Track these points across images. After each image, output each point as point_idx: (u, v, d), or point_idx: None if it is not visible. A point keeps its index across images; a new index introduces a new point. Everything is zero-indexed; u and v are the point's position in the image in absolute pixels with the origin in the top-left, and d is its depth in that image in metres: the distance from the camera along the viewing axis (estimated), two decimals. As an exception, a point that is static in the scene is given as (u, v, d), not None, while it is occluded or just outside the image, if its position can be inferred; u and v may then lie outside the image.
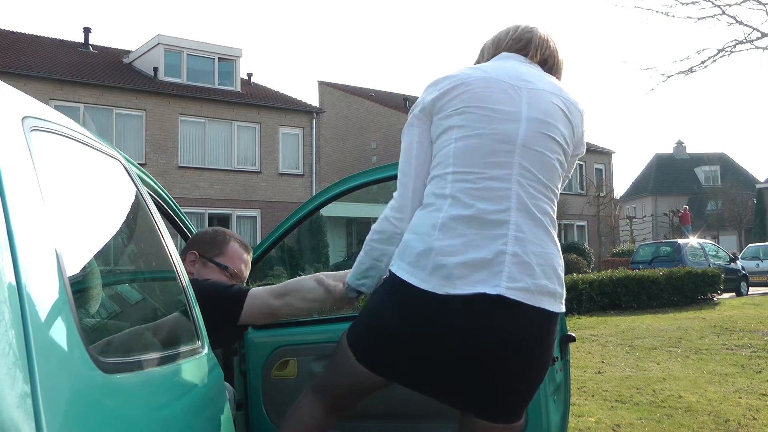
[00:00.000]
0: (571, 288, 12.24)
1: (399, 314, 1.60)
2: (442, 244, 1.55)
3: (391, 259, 1.71)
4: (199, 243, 2.45)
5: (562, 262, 1.68)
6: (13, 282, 0.81)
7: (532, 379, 1.65)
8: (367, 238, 1.79)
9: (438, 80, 1.75)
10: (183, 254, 2.38)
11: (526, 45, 1.86)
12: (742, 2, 12.94)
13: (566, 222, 31.52)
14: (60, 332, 0.89)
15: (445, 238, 1.56)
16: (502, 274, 1.53)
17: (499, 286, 1.52)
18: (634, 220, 33.23)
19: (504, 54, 1.85)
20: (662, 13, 13.33)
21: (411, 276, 1.56)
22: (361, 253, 1.80)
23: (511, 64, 1.78)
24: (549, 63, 1.87)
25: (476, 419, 1.67)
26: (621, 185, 69.97)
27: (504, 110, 1.65)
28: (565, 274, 1.78)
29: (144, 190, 1.72)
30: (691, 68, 13.18)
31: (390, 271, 1.65)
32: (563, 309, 1.67)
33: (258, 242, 3.61)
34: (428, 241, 1.57)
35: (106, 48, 25.83)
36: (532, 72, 1.77)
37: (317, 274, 2.14)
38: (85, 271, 1.16)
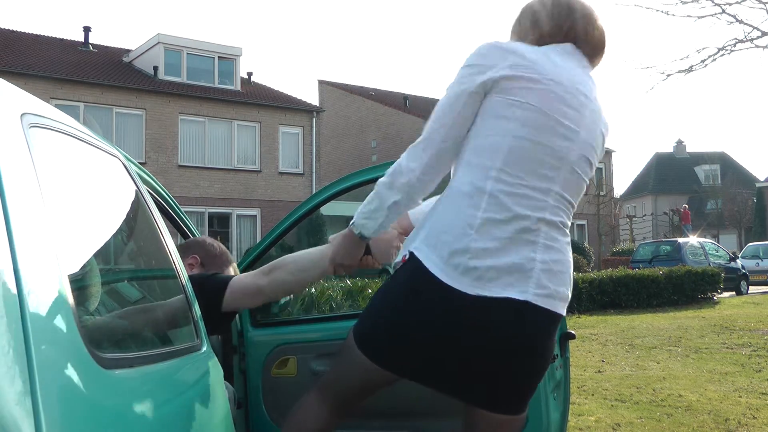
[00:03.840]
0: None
1: (421, 308, 1.58)
2: (477, 246, 1.54)
3: (396, 206, 1.67)
4: (205, 253, 2.46)
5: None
6: (12, 279, 0.81)
7: (539, 374, 1.69)
8: (380, 180, 1.69)
9: (504, 50, 1.63)
10: (182, 252, 2.38)
11: (574, 33, 1.76)
12: (742, 1, 12.93)
13: (566, 221, 31.43)
14: (59, 329, 0.89)
15: (481, 240, 1.54)
16: (531, 280, 1.56)
17: (527, 292, 1.56)
18: (634, 219, 33.23)
19: (559, 47, 1.74)
20: (662, 11, 13.31)
21: (442, 273, 1.54)
22: (372, 193, 1.70)
23: (571, 68, 1.70)
24: (596, 53, 1.81)
25: (485, 412, 1.67)
26: (621, 184, 69.93)
27: (566, 125, 1.63)
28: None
29: (143, 188, 1.71)
30: (691, 67, 13.17)
31: (414, 256, 1.59)
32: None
33: (258, 241, 3.61)
34: (464, 240, 1.54)
35: (106, 47, 25.83)
36: (590, 84, 1.74)
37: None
38: (85, 269, 1.16)
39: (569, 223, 1.71)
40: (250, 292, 2.09)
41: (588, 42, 1.78)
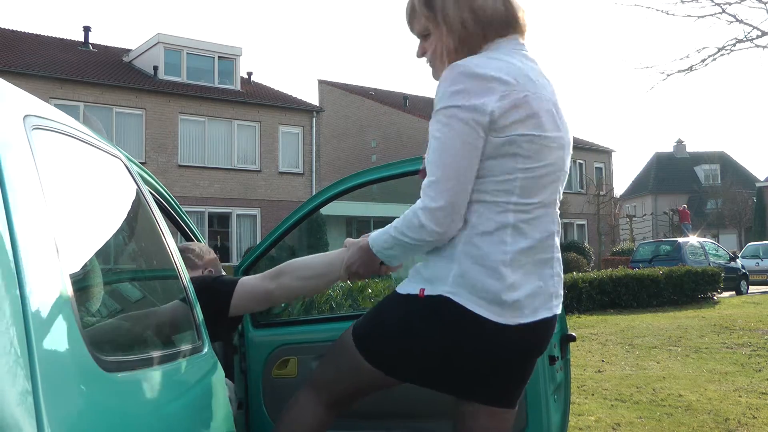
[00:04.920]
0: (571, 287, 12.25)
1: (456, 343, 1.60)
2: (514, 281, 1.58)
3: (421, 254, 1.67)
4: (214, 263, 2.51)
5: None
6: (15, 280, 0.82)
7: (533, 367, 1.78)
8: (399, 232, 1.61)
9: (485, 80, 1.54)
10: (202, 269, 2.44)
11: (516, 24, 1.66)
12: (742, 1, 12.94)
13: (566, 221, 31.52)
14: (61, 330, 0.89)
15: (513, 274, 1.58)
16: (554, 294, 1.67)
17: (553, 308, 1.67)
18: (634, 218, 33.23)
19: (511, 46, 1.65)
20: (662, 11, 13.34)
21: (486, 311, 1.56)
22: (392, 240, 1.64)
23: (530, 68, 1.63)
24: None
25: (482, 406, 1.70)
26: (621, 184, 69.97)
27: (553, 137, 1.63)
28: (565, 272, 1.84)
29: (145, 188, 1.71)
30: (691, 67, 13.18)
31: (451, 301, 1.57)
32: None
33: (258, 241, 3.61)
34: (503, 279, 1.57)
35: (106, 47, 25.82)
36: (545, 79, 1.68)
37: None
38: (87, 270, 1.16)
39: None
40: (259, 296, 2.02)
41: (521, 24, 1.69)
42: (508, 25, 1.66)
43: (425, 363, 1.65)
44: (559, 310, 1.70)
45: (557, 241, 1.69)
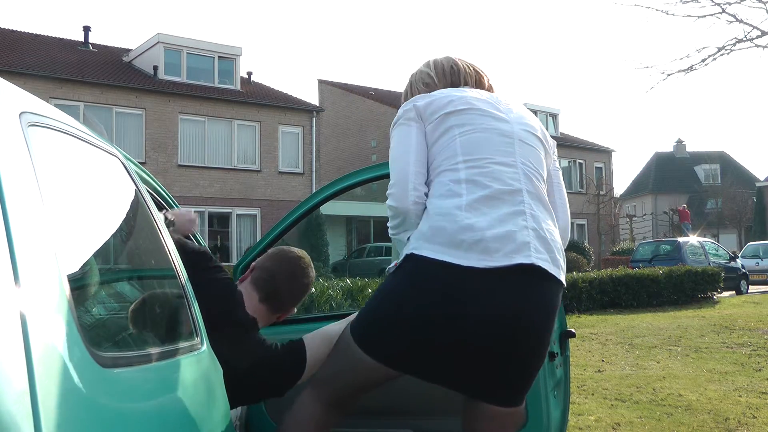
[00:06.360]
0: (571, 287, 12.25)
1: (426, 296, 1.61)
2: (473, 222, 1.61)
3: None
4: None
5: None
6: (12, 278, 0.81)
7: (541, 356, 1.71)
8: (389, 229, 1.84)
9: (413, 98, 1.88)
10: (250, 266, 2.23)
11: (457, 78, 2.02)
12: (742, 0, 12.94)
13: (566, 220, 31.50)
14: (58, 327, 0.89)
15: (473, 216, 1.62)
16: (530, 245, 1.64)
17: (530, 257, 1.63)
18: (634, 218, 33.26)
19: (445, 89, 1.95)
20: (662, 11, 13.34)
21: (447, 255, 1.59)
22: (397, 243, 1.83)
23: (459, 91, 1.90)
24: (483, 85, 2.06)
25: (486, 405, 1.69)
26: (621, 183, 70.00)
27: (493, 113, 1.82)
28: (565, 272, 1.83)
29: (143, 187, 1.71)
30: (691, 66, 13.18)
31: (414, 255, 1.64)
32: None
33: (257, 240, 3.63)
34: (458, 220, 1.61)
35: (106, 46, 25.83)
36: (495, 97, 1.93)
37: None
38: (84, 268, 1.16)
39: (546, 195, 1.80)
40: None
41: (469, 80, 2.03)
42: (455, 83, 2.02)
43: (411, 335, 1.62)
44: (540, 263, 1.63)
45: (528, 198, 1.71)
